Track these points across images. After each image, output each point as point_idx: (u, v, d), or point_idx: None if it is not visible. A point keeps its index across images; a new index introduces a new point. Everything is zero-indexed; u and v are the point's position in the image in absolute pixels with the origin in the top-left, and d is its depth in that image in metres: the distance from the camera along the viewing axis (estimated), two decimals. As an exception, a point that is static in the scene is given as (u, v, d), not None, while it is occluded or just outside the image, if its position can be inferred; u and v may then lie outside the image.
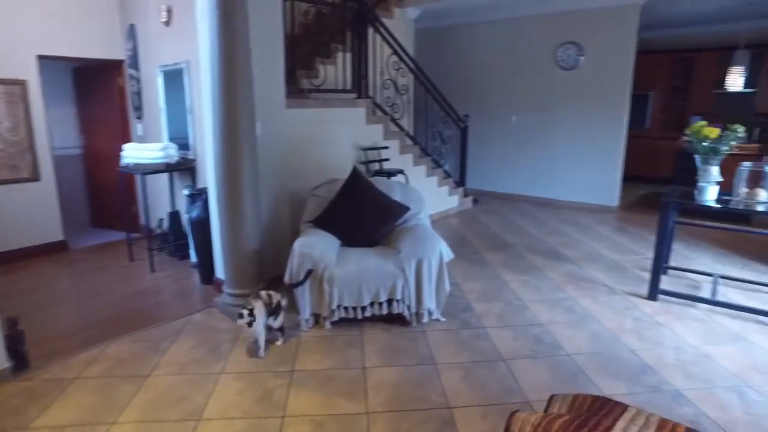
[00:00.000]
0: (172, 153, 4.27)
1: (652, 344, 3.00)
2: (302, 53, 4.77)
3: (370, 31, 4.92)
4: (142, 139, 5.05)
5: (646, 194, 7.92)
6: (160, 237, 4.72)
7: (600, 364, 2.77)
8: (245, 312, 2.68)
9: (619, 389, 2.53)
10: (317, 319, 3.20)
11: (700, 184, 3.51)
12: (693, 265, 4.41)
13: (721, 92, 8.31)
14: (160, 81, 4.56)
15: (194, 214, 3.87)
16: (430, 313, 3.25)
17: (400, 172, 4.95)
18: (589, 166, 6.77)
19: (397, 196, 3.68)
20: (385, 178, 4.72)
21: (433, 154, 6.18)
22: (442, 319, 3.30)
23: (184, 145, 4.34)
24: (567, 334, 3.12)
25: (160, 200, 4.85)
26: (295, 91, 4.23)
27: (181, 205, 4.52)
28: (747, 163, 3.50)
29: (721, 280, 3.92)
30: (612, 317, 3.36)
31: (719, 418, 2.34)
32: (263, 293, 2.83)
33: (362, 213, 3.46)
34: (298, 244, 3.12)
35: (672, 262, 4.25)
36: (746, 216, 5.44)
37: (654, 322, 3.30)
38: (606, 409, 1.02)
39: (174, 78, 4.33)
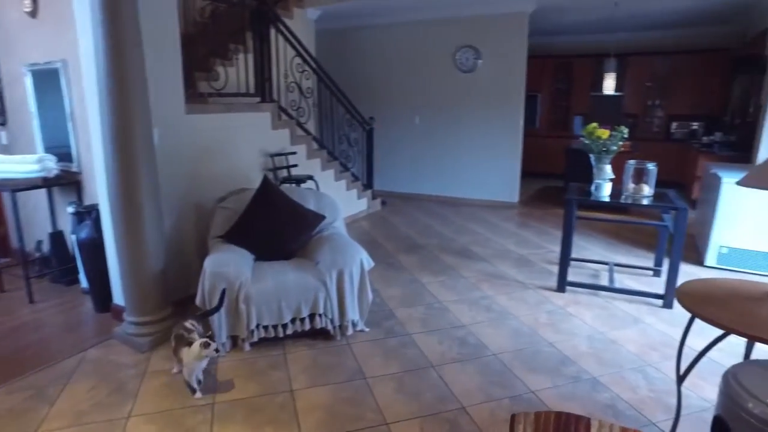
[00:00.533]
0: (51, 165, 3.74)
1: (567, 335, 3.16)
2: (199, 54, 4.43)
3: (272, 31, 4.69)
4: (7, 150, 4.38)
5: (540, 189, 8.49)
6: (39, 261, 4.12)
7: (524, 360, 2.86)
8: (207, 340, 2.40)
9: (545, 383, 2.62)
10: (235, 341, 2.96)
11: (597, 181, 3.79)
12: (590, 255, 4.77)
13: (597, 95, 9.13)
14: (28, 82, 3.98)
15: (83, 234, 3.41)
16: (354, 325, 3.15)
17: (310, 177, 4.79)
18: (490, 164, 7.09)
19: (310, 204, 3.54)
20: (294, 185, 4.55)
21: (341, 157, 6.09)
22: (367, 330, 3.22)
23: (65, 156, 3.82)
24: (489, 333, 3.20)
25: (37, 219, 4.24)
26: (194, 95, 3.90)
27: (65, 224, 3.98)
28: (632, 161, 3.83)
29: (615, 268, 4.27)
30: (528, 312, 3.51)
31: (631, 399, 2.51)
32: (188, 324, 2.55)
33: (276, 224, 3.27)
34: (210, 263, 2.87)
35: (572, 254, 4.55)
36: (626, 207, 6.02)
37: (566, 313, 3.49)
38: (572, 426, 1.01)
39: (47, 79, 3.80)
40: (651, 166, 3.71)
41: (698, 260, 4.58)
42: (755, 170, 2.09)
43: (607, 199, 3.72)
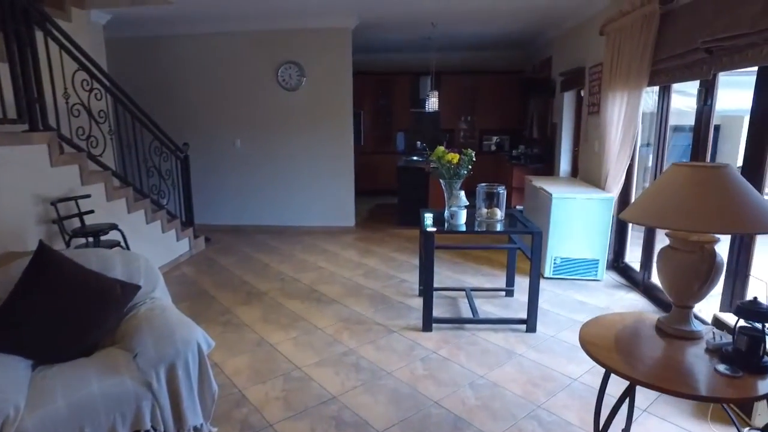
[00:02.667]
0: None
1: (450, 387, 2.83)
2: None
3: (40, 34, 3.55)
4: None
5: (373, 208, 8.36)
6: None
7: (415, 434, 2.43)
8: None
9: (446, 465, 2.22)
10: (6, 505, 1.94)
11: (452, 208, 3.59)
12: (441, 279, 4.61)
13: (416, 111, 9.44)
14: None
15: None
16: (197, 430, 2.36)
17: (113, 227, 3.72)
18: (323, 187, 6.67)
19: (117, 270, 2.62)
20: (91, 239, 3.49)
21: (152, 193, 5.02)
22: (214, 430, 2.45)
23: None
24: (366, 402, 2.70)
25: None
26: None
27: None
28: (483, 185, 3.74)
29: (471, 293, 4.15)
30: (401, 364, 3.10)
31: (534, 458, 2.26)
32: None
33: (65, 308, 2.30)
34: (-53, 395, 1.81)
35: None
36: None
37: (440, 358, 3.17)
38: None
39: None
40: (501, 190, 3.65)
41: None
42: (637, 206, 1.99)
43: (464, 229, 3.54)
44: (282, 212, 6.79)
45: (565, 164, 6.73)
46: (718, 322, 2.77)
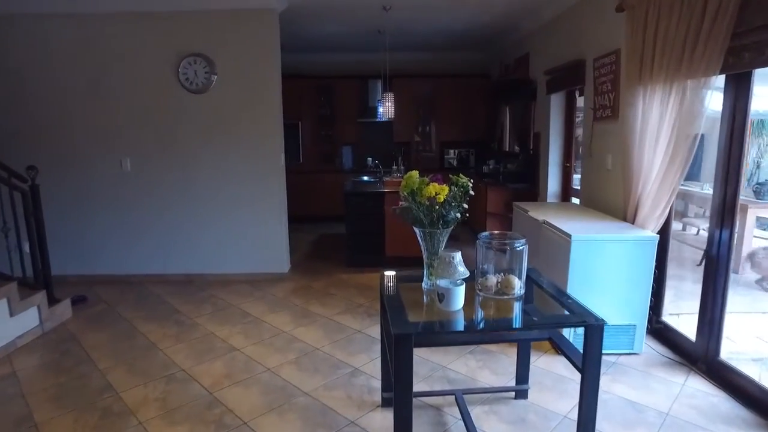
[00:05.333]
0: None
1: None
2: None
3: None
4: None
5: (315, 241, 6.70)
6: None
7: None
8: None
9: None
10: None
11: (439, 283, 2.03)
12: (414, 370, 3.04)
13: (365, 121, 7.93)
14: None
15: None
16: None
17: None
18: (245, 221, 4.96)
19: None
20: None
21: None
22: None
23: None
24: None
25: None
26: None
27: None
28: (486, 234, 2.21)
29: (465, 397, 2.62)
30: None
31: None
32: None
33: None
34: None
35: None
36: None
37: None
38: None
39: None
40: (519, 245, 2.12)
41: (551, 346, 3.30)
42: None
43: (462, 327, 1.97)
44: (189, 256, 5.02)
45: (553, 184, 5.38)
46: None
